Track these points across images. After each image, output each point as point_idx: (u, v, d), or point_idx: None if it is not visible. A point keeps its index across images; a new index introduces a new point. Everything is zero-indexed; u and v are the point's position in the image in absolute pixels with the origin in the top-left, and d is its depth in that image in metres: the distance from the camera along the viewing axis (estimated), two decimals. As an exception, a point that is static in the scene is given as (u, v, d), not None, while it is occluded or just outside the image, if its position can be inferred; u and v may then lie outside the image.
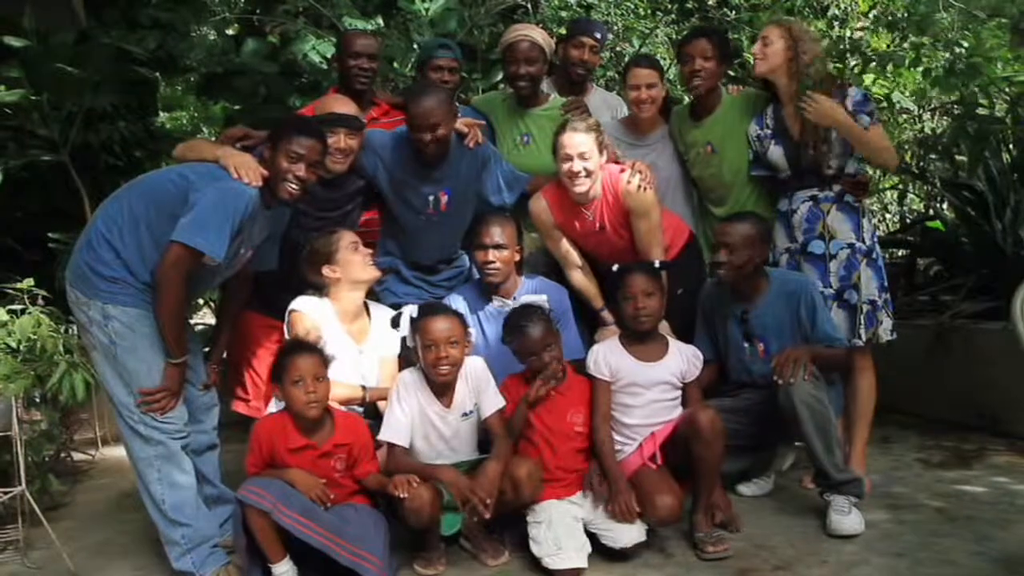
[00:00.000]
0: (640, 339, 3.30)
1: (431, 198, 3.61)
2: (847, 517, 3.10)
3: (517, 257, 3.51)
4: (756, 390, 3.41)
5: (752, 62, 3.63)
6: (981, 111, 5.16)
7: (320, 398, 2.90)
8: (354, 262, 3.32)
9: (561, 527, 2.99)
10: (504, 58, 4.00)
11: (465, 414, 3.12)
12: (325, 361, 2.95)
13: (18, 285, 3.68)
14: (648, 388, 3.25)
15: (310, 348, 2.97)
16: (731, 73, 4.02)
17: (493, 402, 3.13)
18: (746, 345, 3.47)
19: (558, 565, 2.89)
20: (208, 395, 3.25)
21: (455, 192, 3.63)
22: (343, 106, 3.52)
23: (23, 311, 3.59)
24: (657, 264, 3.37)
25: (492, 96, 4.33)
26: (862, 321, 3.50)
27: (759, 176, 3.75)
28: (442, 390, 3.09)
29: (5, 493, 3.26)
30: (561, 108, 3.87)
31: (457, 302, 3.49)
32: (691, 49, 3.71)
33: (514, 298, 3.47)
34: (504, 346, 3.26)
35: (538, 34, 3.97)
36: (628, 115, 4.04)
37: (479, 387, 3.13)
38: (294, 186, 3.02)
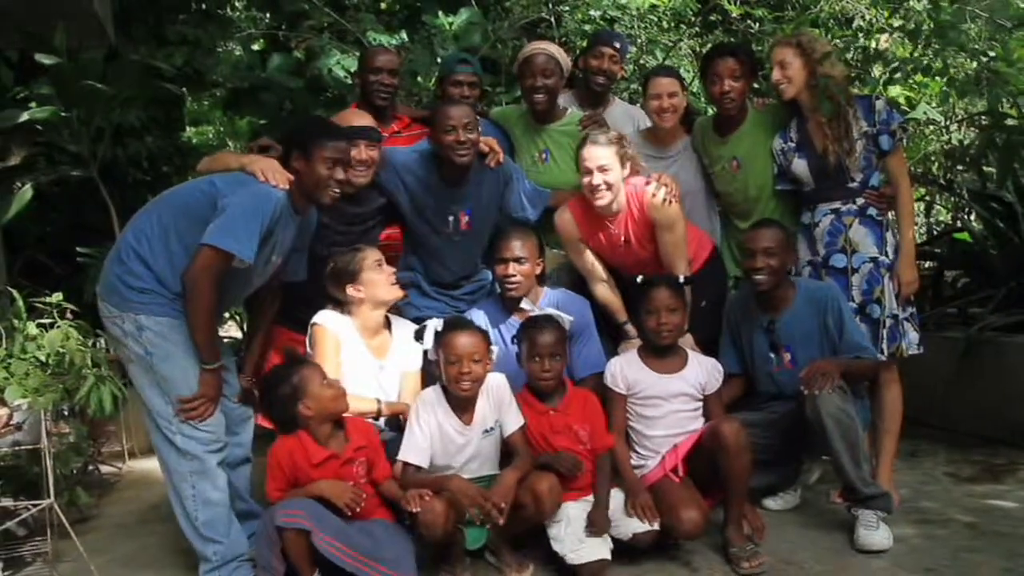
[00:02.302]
0: (659, 352, 3.31)
1: (451, 218, 3.62)
2: (875, 532, 3.07)
3: (538, 270, 3.51)
4: (782, 402, 3.39)
5: (779, 88, 3.59)
6: (1009, 122, 5.11)
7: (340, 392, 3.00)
8: (378, 282, 3.32)
9: (580, 523, 3.01)
10: (520, 73, 3.97)
11: (486, 431, 3.11)
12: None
13: (47, 299, 3.72)
14: (668, 399, 3.25)
15: (304, 361, 3.07)
16: (755, 85, 4.00)
17: (515, 420, 3.12)
18: (772, 355, 3.45)
19: (583, 559, 2.92)
20: (242, 407, 3.26)
21: (476, 212, 3.64)
22: (360, 119, 3.55)
23: (52, 325, 3.63)
24: (682, 279, 3.36)
25: (509, 110, 4.29)
26: (885, 336, 3.47)
27: (783, 190, 3.74)
28: (463, 406, 3.09)
29: (34, 506, 3.28)
30: (579, 123, 3.87)
31: (477, 316, 3.49)
32: (720, 69, 3.67)
33: (540, 307, 3.47)
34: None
35: (554, 48, 3.97)
36: (649, 127, 4.02)
37: (500, 404, 3.12)
38: (336, 191, 3.07)
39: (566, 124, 3.93)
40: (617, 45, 4.18)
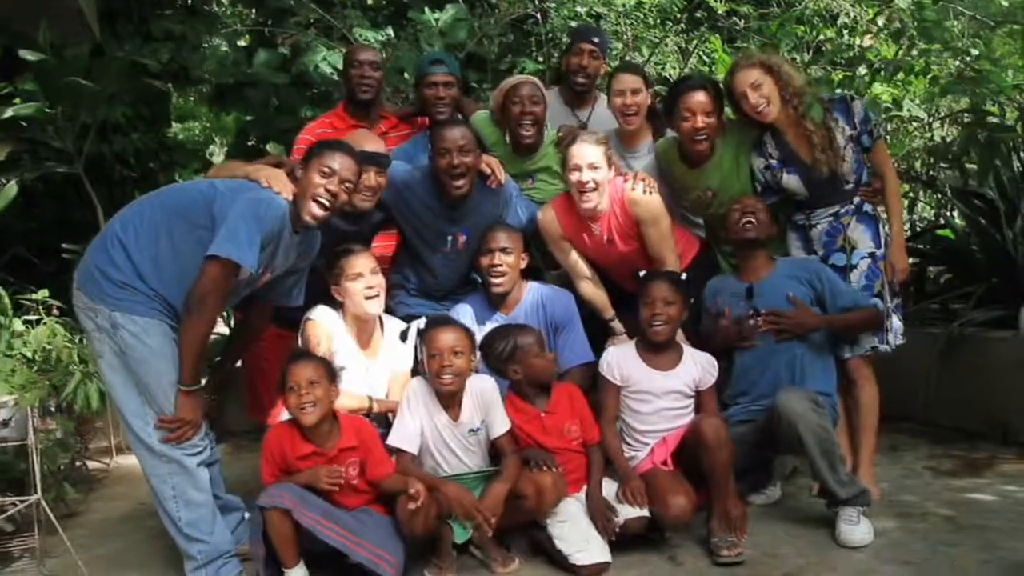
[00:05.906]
0: (655, 347, 3.32)
1: (449, 238, 3.63)
2: (856, 527, 3.10)
3: (523, 264, 3.53)
4: (755, 413, 3.40)
5: (759, 111, 3.56)
6: (991, 119, 5.15)
7: (315, 399, 2.87)
8: (352, 293, 3.29)
9: (585, 521, 3.05)
10: (504, 102, 3.74)
11: (472, 430, 3.13)
12: (330, 371, 2.96)
13: (33, 296, 3.73)
14: (659, 396, 3.28)
15: (308, 356, 3.00)
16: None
17: (501, 424, 3.14)
18: (751, 323, 3.45)
19: (588, 560, 2.95)
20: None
21: (474, 232, 3.63)
22: (372, 143, 3.48)
23: (38, 321, 3.63)
24: (684, 277, 3.40)
25: (488, 126, 3.90)
26: (889, 327, 3.51)
27: (772, 203, 3.65)
28: (449, 402, 3.11)
29: (21, 502, 3.28)
30: (558, 133, 3.79)
31: (464, 310, 3.52)
32: (691, 105, 3.52)
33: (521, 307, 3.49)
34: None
35: (535, 80, 3.87)
36: (617, 127, 3.93)
37: (487, 407, 3.14)
38: (325, 201, 2.98)
39: (543, 155, 3.83)
40: (596, 40, 4.15)
